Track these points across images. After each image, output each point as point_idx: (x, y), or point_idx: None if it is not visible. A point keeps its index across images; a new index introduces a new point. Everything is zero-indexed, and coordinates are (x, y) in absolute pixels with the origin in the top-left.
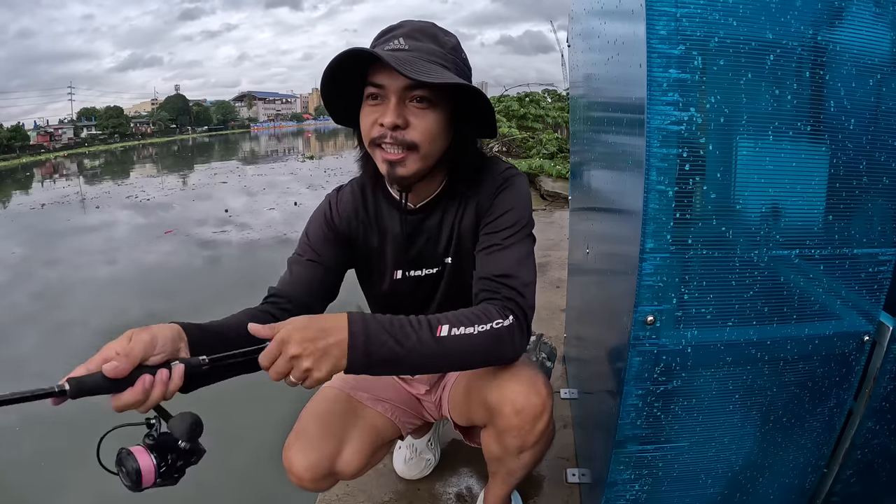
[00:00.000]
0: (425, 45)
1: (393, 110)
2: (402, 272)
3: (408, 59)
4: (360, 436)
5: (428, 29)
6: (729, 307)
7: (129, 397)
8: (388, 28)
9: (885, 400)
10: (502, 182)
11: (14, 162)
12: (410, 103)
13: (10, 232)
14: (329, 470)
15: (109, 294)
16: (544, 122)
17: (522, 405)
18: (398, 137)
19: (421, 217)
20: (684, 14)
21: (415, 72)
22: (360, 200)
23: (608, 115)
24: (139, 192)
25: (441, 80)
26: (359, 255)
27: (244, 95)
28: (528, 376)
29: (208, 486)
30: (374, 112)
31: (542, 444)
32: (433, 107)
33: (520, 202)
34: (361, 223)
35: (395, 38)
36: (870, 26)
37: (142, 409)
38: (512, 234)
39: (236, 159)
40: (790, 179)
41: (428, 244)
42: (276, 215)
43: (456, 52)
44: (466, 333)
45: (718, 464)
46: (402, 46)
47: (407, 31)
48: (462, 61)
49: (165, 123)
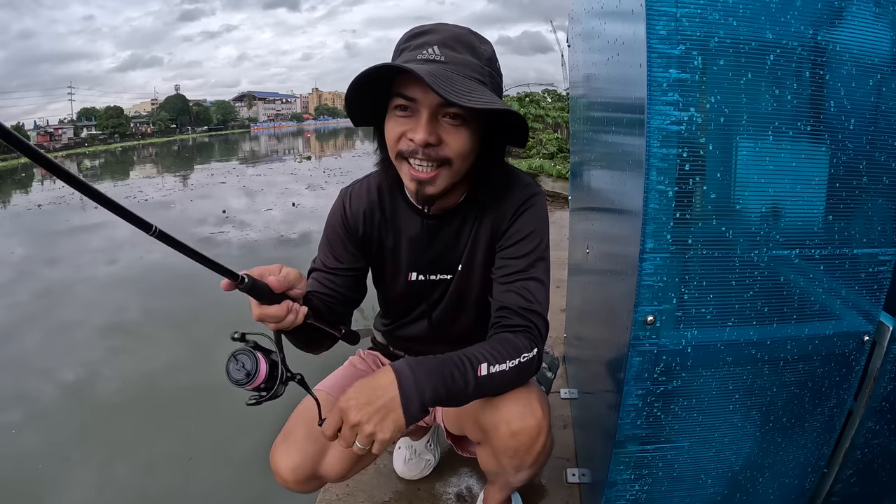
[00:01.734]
0: (462, 58)
1: (425, 127)
2: (416, 275)
3: (445, 76)
4: None
5: (465, 37)
6: (729, 307)
7: (274, 311)
8: (421, 31)
9: (885, 400)
10: (524, 200)
11: (13, 162)
12: (443, 119)
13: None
14: (312, 472)
15: (96, 295)
16: (544, 122)
17: (518, 427)
18: (431, 154)
19: (439, 223)
20: (684, 14)
21: (455, 92)
22: (375, 200)
23: (608, 115)
24: (137, 193)
25: (481, 104)
26: (373, 255)
27: (244, 95)
28: (523, 395)
29: (208, 486)
30: (404, 125)
31: (539, 463)
32: (466, 124)
33: (540, 224)
34: (377, 224)
35: (429, 45)
36: (870, 26)
37: (273, 325)
38: (534, 261)
39: (235, 159)
40: (790, 179)
41: (445, 250)
42: (274, 216)
43: (492, 63)
44: (501, 371)
45: (718, 464)
46: (438, 57)
47: (443, 38)
48: (497, 72)
49: (165, 123)
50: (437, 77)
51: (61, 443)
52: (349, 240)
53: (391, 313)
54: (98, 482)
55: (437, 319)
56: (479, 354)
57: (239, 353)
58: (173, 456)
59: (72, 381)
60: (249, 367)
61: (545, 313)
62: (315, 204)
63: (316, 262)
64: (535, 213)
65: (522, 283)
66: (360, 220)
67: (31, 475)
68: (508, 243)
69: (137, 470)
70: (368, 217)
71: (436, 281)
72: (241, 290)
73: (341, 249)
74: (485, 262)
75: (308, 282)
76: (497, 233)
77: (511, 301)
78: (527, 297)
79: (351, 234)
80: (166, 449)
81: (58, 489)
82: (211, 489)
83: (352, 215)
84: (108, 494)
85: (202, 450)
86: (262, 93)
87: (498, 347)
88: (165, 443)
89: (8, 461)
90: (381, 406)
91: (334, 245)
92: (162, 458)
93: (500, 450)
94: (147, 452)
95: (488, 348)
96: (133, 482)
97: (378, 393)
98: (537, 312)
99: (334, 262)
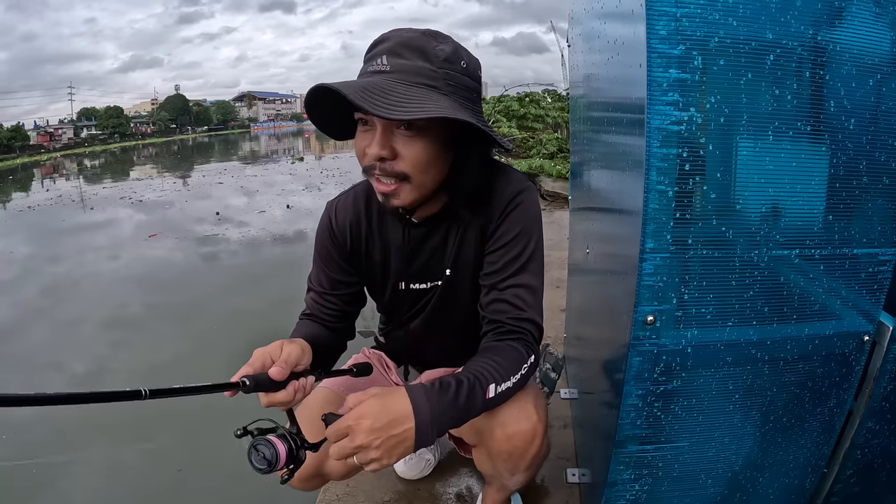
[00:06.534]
0: (410, 64)
1: (378, 141)
2: (404, 284)
3: (382, 87)
4: None
5: (415, 41)
6: (729, 307)
7: (281, 397)
8: (376, 41)
9: (885, 400)
10: (510, 199)
11: (12, 162)
12: (398, 130)
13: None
14: (315, 470)
15: (84, 297)
16: (544, 122)
17: (513, 430)
18: (386, 169)
19: (425, 231)
20: (684, 14)
21: (385, 105)
22: (362, 210)
23: (608, 115)
24: (132, 194)
25: (411, 114)
26: (362, 266)
27: (244, 95)
28: (520, 399)
29: (209, 485)
30: (365, 138)
31: (535, 466)
32: (422, 134)
33: (528, 224)
34: (364, 234)
35: (379, 55)
36: (870, 26)
37: (284, 407)
38: (524, 263)
39: (235, 159)
40: (790, 179)
41: (432, 258)
42: (269, 218)
43: (449, 64)
44: (507, 388)
45: (718, 464)
46: (384, 67)
47: (391, 45)
48: (459, 71)
49: (165, 123)
50: (369, 91)
51: (65, 434)
52: (338, 254)
53: (386, 319)
54: (105, 471)
55: (428, 325)
56: (488, 374)
57: (258, 443)
58: (177, 451)
59: (80, 374)
60: (269, 455)
61: (538, 318)
62: (312, 205)
63: (311, 281)
64: (523, 213)
65: (513, 291)
66: (347, 233)
67: (37, 465)
68: (496, 246)
69: (142, 463)
70: (355, 228)
71: (425, 289)
72: (246, 393)
73: (333, 265)
74: (474, 266)
75: (306, 300)
76: (485, 234)
77: (502, 310)
78: (517, 304)
79: (339, 247)
80: (171, 443)
81: (61, 483)
82: (214, 484)
83: (338, 229)
84: (115, 486)
85: (206, 445)
86: (262, 93)
87: (503, 363)
88: (170, 437)
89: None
90: (394, 436)
91: (326, 261)
92: (166, 452)
93: (495, 453)
94: (152, 446)
95: (495, 366)
96: (138, 476)
97: (392, 422)
98: (529, 319)
99: (328, 280)
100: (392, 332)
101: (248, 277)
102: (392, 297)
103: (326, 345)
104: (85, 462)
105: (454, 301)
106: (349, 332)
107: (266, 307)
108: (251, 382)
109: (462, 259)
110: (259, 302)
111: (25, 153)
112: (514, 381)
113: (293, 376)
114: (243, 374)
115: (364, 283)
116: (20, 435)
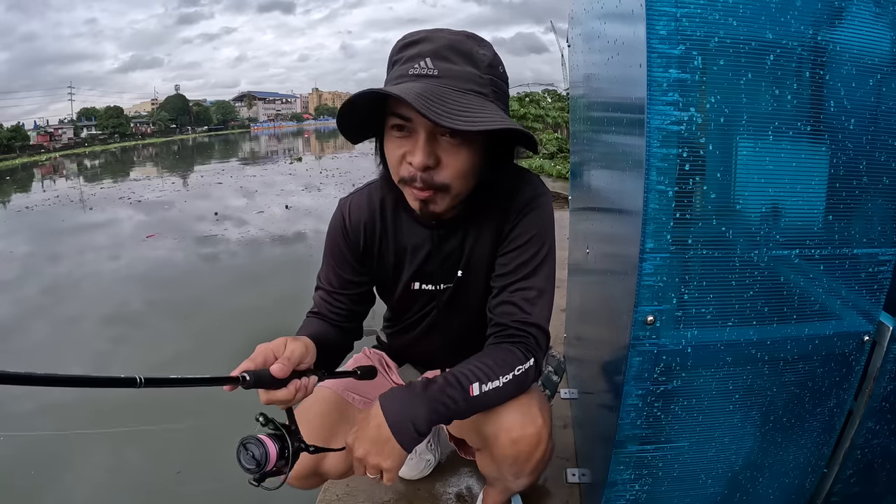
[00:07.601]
0: (459, 69)
1: (423, 149)
2: (417, 284)
3: (437, 94)
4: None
5: (461, 45)
6: (729, 307)
7: (282, 395)
8: (413, 40)
9: (885, 400)
10: (528, 202)
11: (12, 162)
12: (442, 138)
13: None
14: (314, 469)
15: (83, 296)
16: (544, 122)
17: (519, 435)
18: (428, 180)
19: (444, 233)
20: (684, 14)
21: (447, 114)
22: (377, 209)
23: (608, 115)
24: (131, 194)
25: (478, 125)
26: (374, 265)
27: (244, 95)
28: (523, 403)
29: (210, 484)
30: (402, 146)
31: (539, 470)
32: (467, 142)
33: (543, 228)
34: (378, 234)
35: (421, 57)
36: (870, 26)
37: (284, 405)
38: (535, 267)
39: (235, 159)
40: (790, 179)
41: (447, 260)
42: (268, 218)
43: (493, 69)
44: (495, 387)
45: (718, 464)
46: (431, 71)
47: (436, 48)
48: (500, 77)
49: (165, 123)
50: (427, 98)
51: (70, 428)
52: (350, 253)
53: (393, 317)
54: (107, 469)
55: (437, 326)
56: (471, 373)
57: (247, 441)
58: (176, 450)
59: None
60: (259, 455)
61: (544, 323)
62: (312, 205)
63: (320, 279)
64: (539, 217)
65: (522, 294)
66: (361, 232)
67: (40, 461)
68: (509, 248)
69: (144, 461)
70: (369, 228)
71: (436, 290)
72: (245, 388)
73: (344, 264)
74: (487, 268)
75: (314, 298)
76: (501, 236)
77: (508, 313)
78: (524, 307)
79: (352, 246)
80: (170, 443)
81: (64, 478)
82: (214, 483)
83: (352, 228)
84: (117, 482)
85: (206, 444)
86: (262, 93)
87: (490, 363)
88: (170, 435)
89: (11, 454)
90: (376, 438)
91: (337, 260)
92: (165, 452)
93: (500, 458)
94: (152, 445)
95: (480, 366)
96: (139, 472)
97: (371, 427)
98: (534, 324)
99: (338, 278)
100: (396, 331)
101: (247, 277)
102: (402, 297)
103: (333, 344)
104: (85, 462)
105: (463, 303)
106: (357, 331)
107: (265, 306)
108: (251, 378)
109: (475, 260)
110: (258, 301)
111: (25, 153)
112: (503, 381)
113: (295, 374)
114: (244, 368)
115: (374, 282)
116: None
